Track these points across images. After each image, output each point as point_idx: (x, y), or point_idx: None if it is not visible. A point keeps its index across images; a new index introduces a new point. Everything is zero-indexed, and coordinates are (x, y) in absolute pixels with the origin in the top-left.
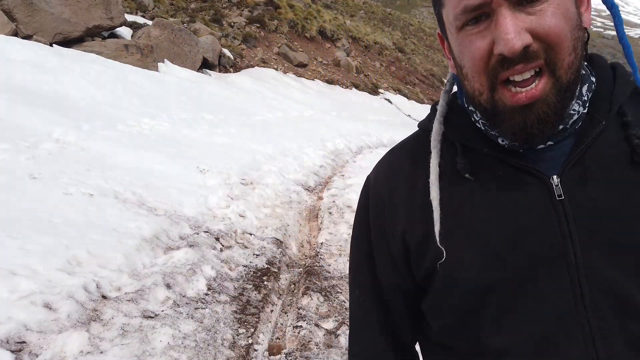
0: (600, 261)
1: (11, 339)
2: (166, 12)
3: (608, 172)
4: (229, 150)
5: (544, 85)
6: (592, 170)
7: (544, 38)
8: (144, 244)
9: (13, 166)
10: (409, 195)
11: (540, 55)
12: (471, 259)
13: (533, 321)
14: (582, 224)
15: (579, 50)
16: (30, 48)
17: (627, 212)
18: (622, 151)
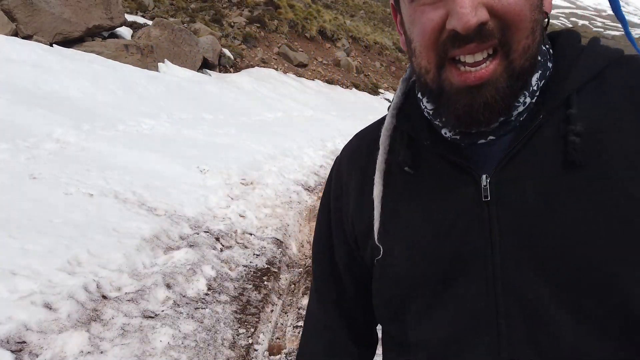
0: (517, 268)
1: (11, 339)
2: (166, 12)
3: (540, 173)
4: (229, 150)
5: (495, 67)
6: (525, 170)
7: (501, 15)
8: (144, 244)
9: (13, 166)
10: (359, 184)
11: (495, 35)
12: (400, 254)
13: (447, 320)
14: (505, 228)
15: (537, 34)
16: (31, 48)
17: (553, 219)
18: (558, 149)
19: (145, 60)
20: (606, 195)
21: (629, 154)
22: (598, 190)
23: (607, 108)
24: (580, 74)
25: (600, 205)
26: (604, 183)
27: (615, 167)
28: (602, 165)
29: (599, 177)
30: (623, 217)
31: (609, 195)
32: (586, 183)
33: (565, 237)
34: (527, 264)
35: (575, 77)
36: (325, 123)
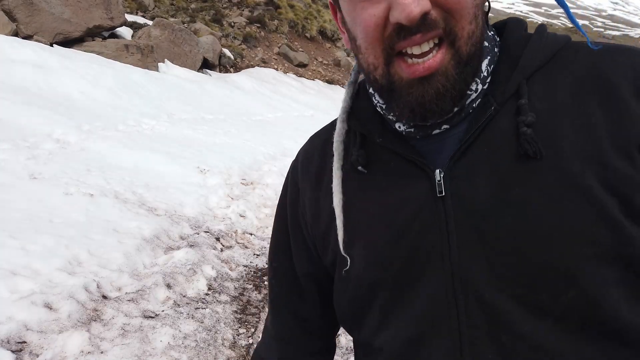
0: (475, 265)
1: (12, 338)
2: (166, 12)
3: (494, 165)
4: (229, 150)
5: (442, 56)
6: (478, 163)
7: (443, 4)
8: (144, 244)
9: (13, 166)
10: (313, 189)
11: (439, 24)
12: (359, 257)
13: (407, 322)
14: (461, 224)
15: (479, 20)
16: (31, 48)
17: (507, 214)
18: (511, 141)
19: (146, 60)
20: (559, 187)
21: (577, 144)
22: (551, 183)
23: (556, 97)
24: (529, 62)
25: (553, 198)
26: (556, 175)
27: (567, 158)
28: (554, 156)
29: (551, 168)
30: (576, 210)
31: (561, 188)
32: (539, 175)
33: (519, 232)
34: (484, 261)
35: (523, 66)
36: (326, 123)
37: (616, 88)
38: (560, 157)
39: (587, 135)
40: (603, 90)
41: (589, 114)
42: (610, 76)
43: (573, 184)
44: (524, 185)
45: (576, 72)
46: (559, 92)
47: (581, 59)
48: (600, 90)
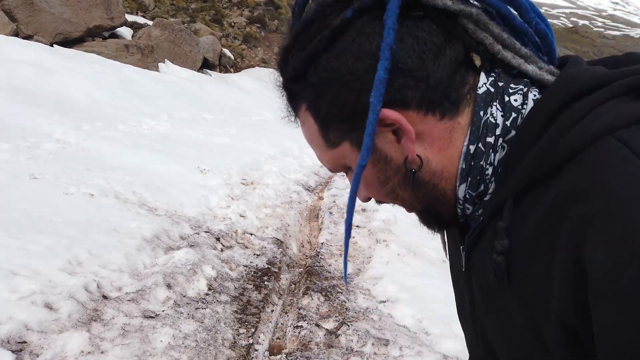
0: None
1: (12, 339)
2: (167, 12)
3: (481, 267)
4: (229, 150)
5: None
6: (480, 256)
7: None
8: (144, 244)
9: (14, 166)
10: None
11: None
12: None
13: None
14: (474, 299)
15: (402, 194)
16: (31, 48)
17: (489, 316)
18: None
19: (146, 61)
20: (517, 317)
21: (529, 285)
22: (513, 310)
23: (533, 227)
24: (520, 177)
25: (512, 324)
26: (517, 306)
27: (521, 294)
28: (517, 284)
29: (515, 297)
30: (527, 349)
31: (518, 319)
32: (508, 297)
33: (491, 334)
34: (481, 337)
35: (514, 181)
36: None
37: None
38: (520, 290)
39: (533, 285)
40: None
41: (535, 263)
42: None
43: (521, 324)
44: (496, 299)
45: (552, 210)
46: (536, 221)
47: (563, 194)
48: (547, 241)
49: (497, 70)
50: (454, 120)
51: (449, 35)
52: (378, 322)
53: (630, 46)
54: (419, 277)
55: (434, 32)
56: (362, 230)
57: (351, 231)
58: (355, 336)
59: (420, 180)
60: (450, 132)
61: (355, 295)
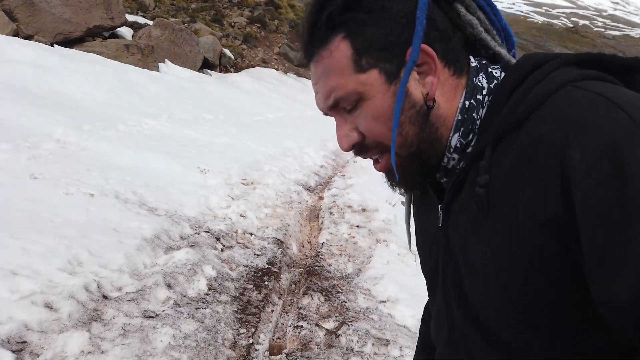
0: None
1: (12, 338)
2: (167, 12)
3: (466, 213)
4: (229, 150)
5: (386, 160)
6: (458, 208)
7: (367, 136)
8: (144, 244)
9: (14, 166)
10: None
11: (373, 146)
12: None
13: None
14: (446, 252)
15: (413, 126)
16: (31, 48)
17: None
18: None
19: (146, 60)
20: (499, 241)
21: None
22: (493, 237)
23: (511, 162)
24: (496, 127)
25: (493, 249)
26: (497, 232)
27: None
28: (498, 215)
29: (495, 225)
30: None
31: (500, 242)
32: (489, 228)
33: (469, 270)
34: (453, 286)
35: (492, 129)
36: (326, 123)
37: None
38: (502, 219)
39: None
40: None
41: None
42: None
43: (507, 246)
44: (480, 235)
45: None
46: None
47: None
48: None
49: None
50: (459, 80)
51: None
52: (378, 322)
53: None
54: (419, 277)
55: (443, 16)
56: (362, 230)
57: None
58: (355, 336)
59: (428, 120)
60: (455, 88)
61: (355, 295)
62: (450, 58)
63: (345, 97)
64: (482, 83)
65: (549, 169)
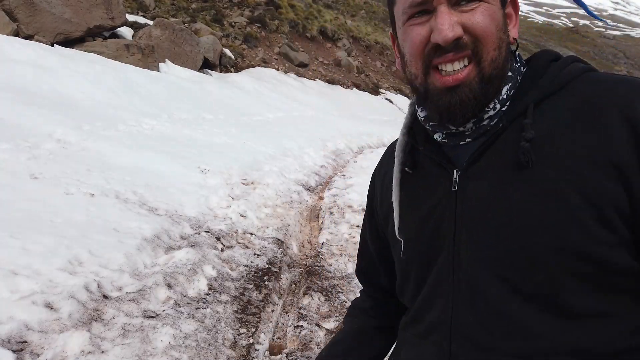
0: (466, 246)
1: (12, 338)
2: (167, 12)
3: (495, 171)
4: (229, 150)
5: (468, 72)
6: (484, 168)
7: (472, 31)
8: (145, 244)
9: (14, 166)
10: (381, 187)
11: (469, 46)
12: (404, 239)
13: (427, 286)
14: (464, 213)
15: (503, 50)
16: (32, 48)
17: (497, 207)
18: (513, 151)
19: (146, 60)
20: (542, 192)
21: (564, 161)
22: (536, 188)
23: (556, 120)
24: (539, 90)
25: (535, 200)
26: (542, 182)
27: (554, 170)
28: (543, 167)
29: (539, 176)
30: (551, 211)
31: (544, 193)
32: (528, 181)
33: (502, 223)
34: (472, 244)
35: (534, 93)
36: (326, 123)
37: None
38: (548, 168)
39: (572, 154)
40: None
41: (574, 138)
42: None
43: (554, 190)
44: (515, 188)
45: (575, 101)
46: (559, 116)
47: (584, 89)
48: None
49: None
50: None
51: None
52: None
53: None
54: None
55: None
56: None
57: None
58: None
59: (509, 59)
60: (512, 53)
61: (355, 295)
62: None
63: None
64: (517, 57)
65: (612, 119)
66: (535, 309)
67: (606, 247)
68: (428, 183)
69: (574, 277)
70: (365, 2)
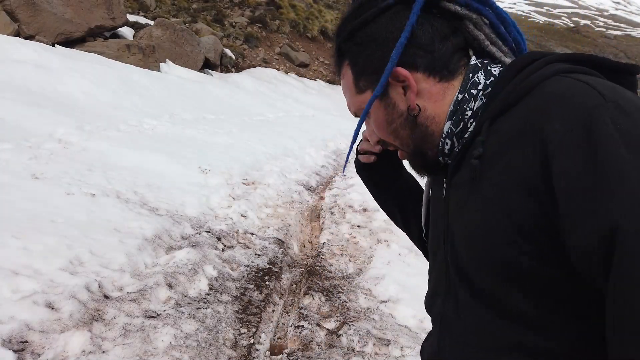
0: (450, 250)
1: (13, 338)
2: (168, 12)
3: (463, 182)
4: (230, 150)
5: (400, 153)
6: (456, 180)
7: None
8: (145, 244)
9: (15, 166)
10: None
11: (387, 144)
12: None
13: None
14: (449, 219)
15: (402, 133)
16: (33, 48)
17: (462, 217)
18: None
19: (147, 61)
20: (487, 206)
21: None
22: (483, 202)
23: (506, 134)
24: (494, 107)
25: (483, 213)
26: (484, 195)
27: (491, 184)
28: (487, 181)
29: (483, 190)
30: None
31: (488, 207)
32: (478, 193)
33: (461, 234)
34: (451, 248)
35: (491, 109)
36: (327, 123)
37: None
38: (490, 184)
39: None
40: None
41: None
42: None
43: (491, 205)
44: (471, 200)
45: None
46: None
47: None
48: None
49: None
50: (449, 83)
51: (454, 30)
52: (379, 322)
53: (632, 46)
54: (420, 277)
55: (444, 25)
56: (364, 230)
57: (353, 145)
58: (356, 336)
59: (417, 122)
60: (445, 90)
61: (356, 295)
62: (437, 67)
63: (357, 112)
64: (479, 79)
65: (532, 140)
66: (491, 310)
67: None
68: (437, 189)
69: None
70: None
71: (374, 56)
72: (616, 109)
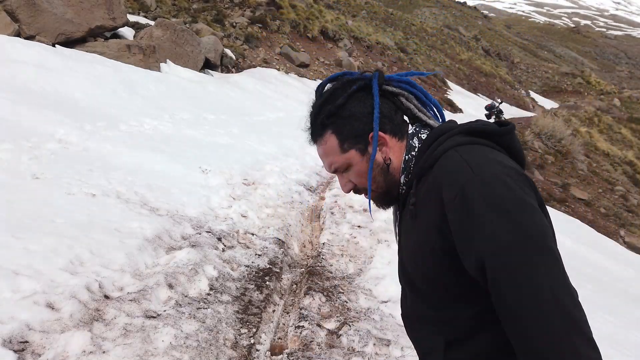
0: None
1: (14, 338)
2: (168, 12)
3: (404, 218)
4: (231, 151)
5: (371, 196)
6: (404, 215)
7: (356, 184)
8: (146, 244)
9: (16, 166)
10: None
11: (361, 189)
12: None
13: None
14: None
15: (378, 178)
16: (33, 48)
17: (402, 247)
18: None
19: (148, 61)
20: (419, 239)
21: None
22: (416, 237)
23: (426, 188)
24: (416, 171)
25: (415, 245)
26: (419, 233)
27: (420, 222)
28: (420, 219)
29: (418, 228)
30: (423, 254)
31: (420, 240)
32: (415, 227)
33: (408, 251)
34: (401, 260)
35: (415, 172)
36: None
37: (436, 192)
38: (420, 222)
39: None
40: (433, 191)
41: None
42: (437, 184)
43: (420, 237)
44: (412, 231)
45: (434, 176)
46: (428, 186)
47: (437, 169)
48: (432, 191)
49: (416, 123)
50: (402, 143)
51: (397, 105)
52: (379, 322)
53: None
54: None
55: (390, 102)
56: (364, 230)
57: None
58: (356, 336)
59: (389, 171)
60: (400, 149)
61: (356, 296)
62: (396, 131)
63: (340, 167)
64: (415, 143)
65: (436, 199)
66: (419, 299)
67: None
68: (395, 218)
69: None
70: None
71: (354, 126)
72: (480, 181)
